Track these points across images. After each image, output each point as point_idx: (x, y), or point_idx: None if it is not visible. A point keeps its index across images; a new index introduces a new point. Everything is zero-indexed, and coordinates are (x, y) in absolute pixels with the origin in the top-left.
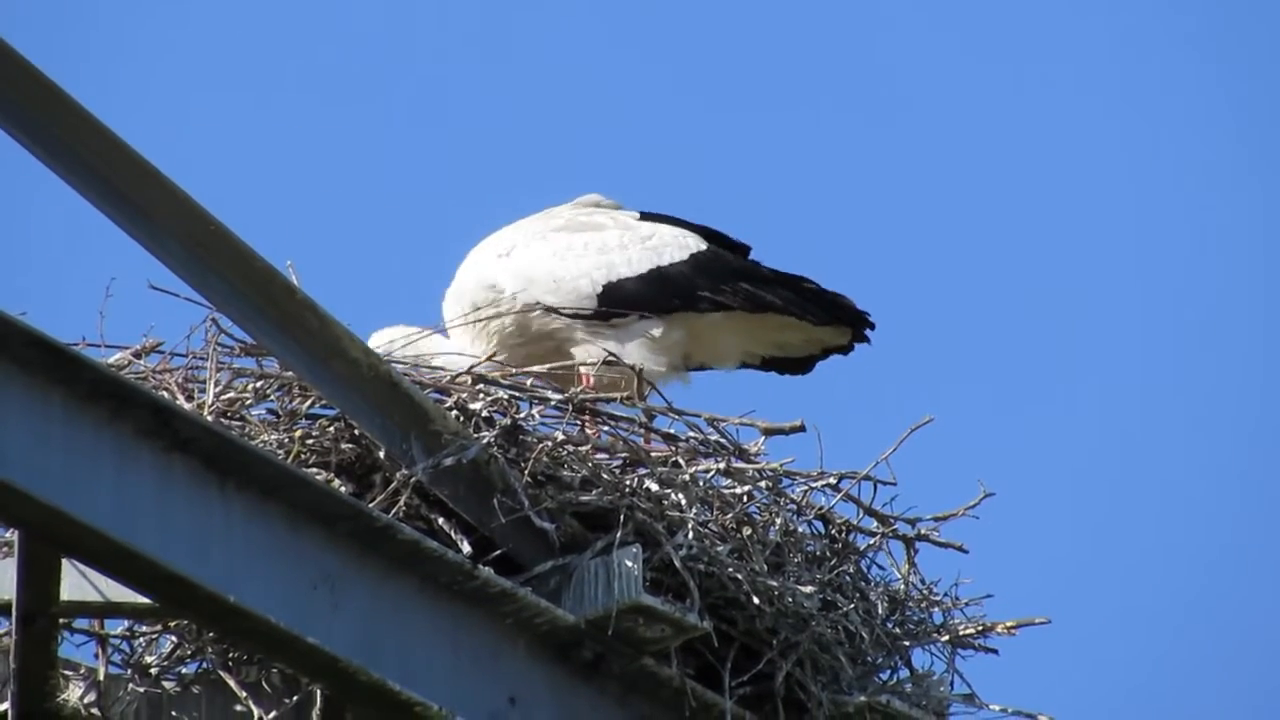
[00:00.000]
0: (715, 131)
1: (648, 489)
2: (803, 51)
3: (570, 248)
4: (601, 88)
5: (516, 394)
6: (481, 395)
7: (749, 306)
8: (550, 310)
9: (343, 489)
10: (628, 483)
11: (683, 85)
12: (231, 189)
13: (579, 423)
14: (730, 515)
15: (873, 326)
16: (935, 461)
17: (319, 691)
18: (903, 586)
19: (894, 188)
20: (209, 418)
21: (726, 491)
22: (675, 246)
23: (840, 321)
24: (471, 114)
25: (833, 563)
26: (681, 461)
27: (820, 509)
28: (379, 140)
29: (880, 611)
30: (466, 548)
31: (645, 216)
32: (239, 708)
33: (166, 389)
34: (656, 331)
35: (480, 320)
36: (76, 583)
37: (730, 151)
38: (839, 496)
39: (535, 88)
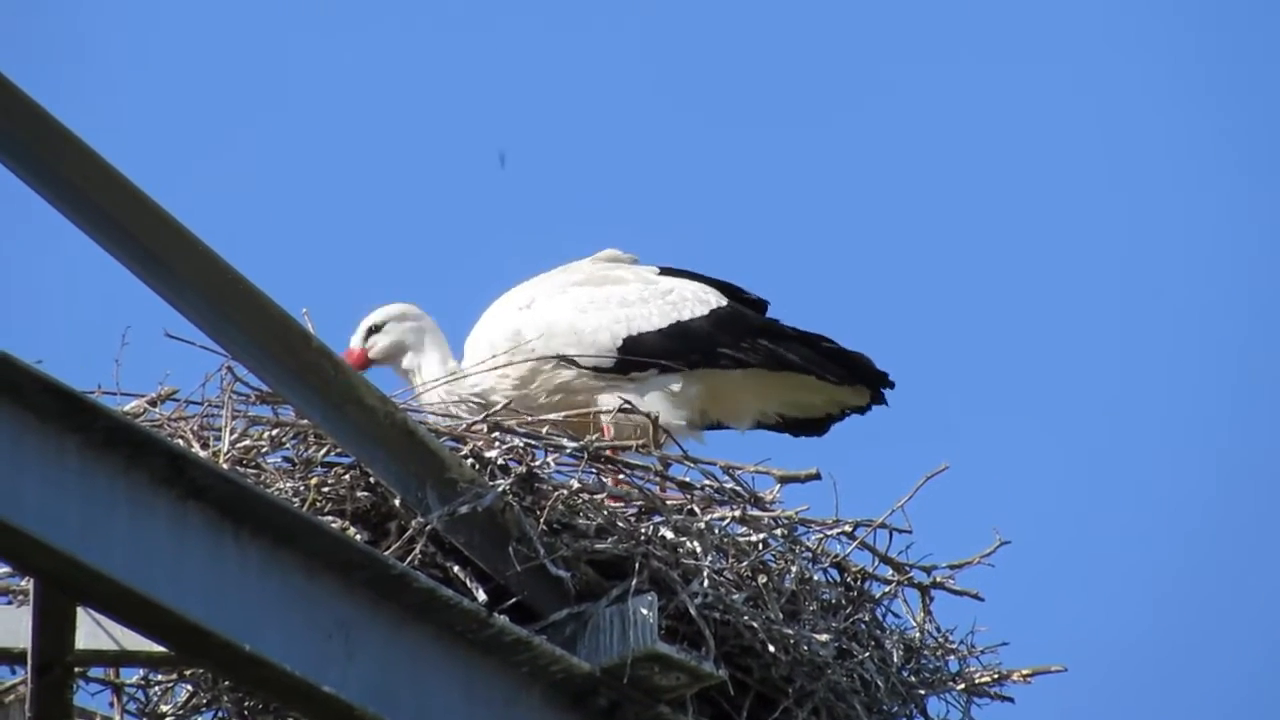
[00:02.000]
0: (722, 153)
1: (663, 537)
2: (804, 69)
3: (592, 301)
4: (609, 115)
5: (532, 442)
6: (497, 443)
7: (769, 364)
8: (571, 363)
9: (358, 537)
10: (643, 531)
11: (681, 102)
12: (246, 236)
13: (595, 471)
14: (746, 563)
15: (892, 386)
16: (950, 509)
17: None
18: (918, 634)
19: (905, 229)
20: (224, 465)
21: (742, 539)
22: (695, 302)
23: (859, 381)
24: (487, 161)
25: (848, 611)
26: (697, 509)
27: (835, 557)
28: (393, 189)
29: (896, 659)
30: (482, 596)
31: (665, 271)
32: None
33: (182, 437)
34: (675, 386)
35: (500, 365)
36: (91, 631)
37: (739, 182)
38: (854, 544)
39: (543, 127)
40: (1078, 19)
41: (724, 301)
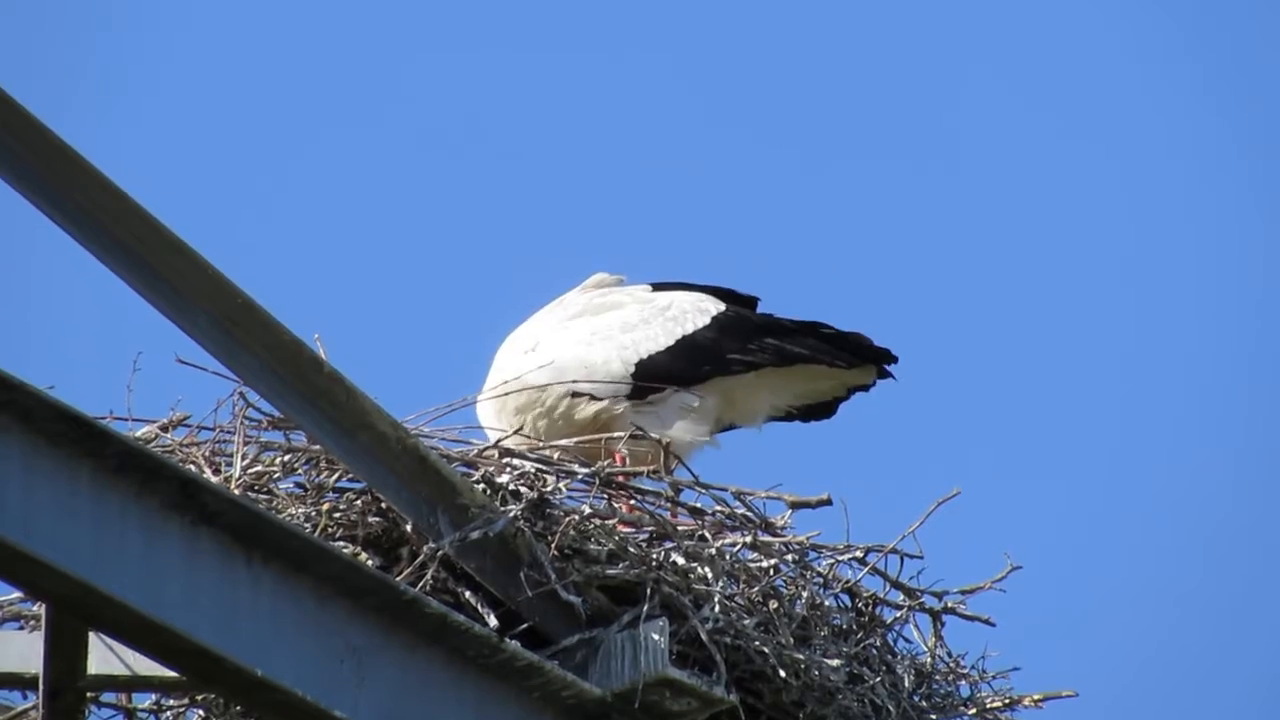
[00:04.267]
0: (724, 162)
1: (674, 562)
2: (806, 74)
3: (595, 331)
4: (629, 145)
5: (543, 467)
6: (509, 469)
7: (778, 361)
8: (589, 397)
9: (370, 562)
10: (654, 556)
11: (717, 129)
12: (258, 262)
13: (606, 496)
14: (757, 588)
15: (895, 360)
16: (962, 534)
17: None
18: (929, 659)
19: (919, 254)
20: (236, 491)
21: (753, 565)
22: (696, 312)
23: (864, 361)
24: (499, 186)
25: (859, 636)
26: (708, 535)
27: (847, 582)
28: (405, 213)
29: (907, 684)
30: (493, 621)
31: (657, 287)
32: None
33: (194, 462)
34: (694, 402)
35: (523, 423)
36: (103, 656)
37: (741, 191)
38: (865, 570)
39: (554, 153)
40: (1083, 23)
41: (722, 306)
